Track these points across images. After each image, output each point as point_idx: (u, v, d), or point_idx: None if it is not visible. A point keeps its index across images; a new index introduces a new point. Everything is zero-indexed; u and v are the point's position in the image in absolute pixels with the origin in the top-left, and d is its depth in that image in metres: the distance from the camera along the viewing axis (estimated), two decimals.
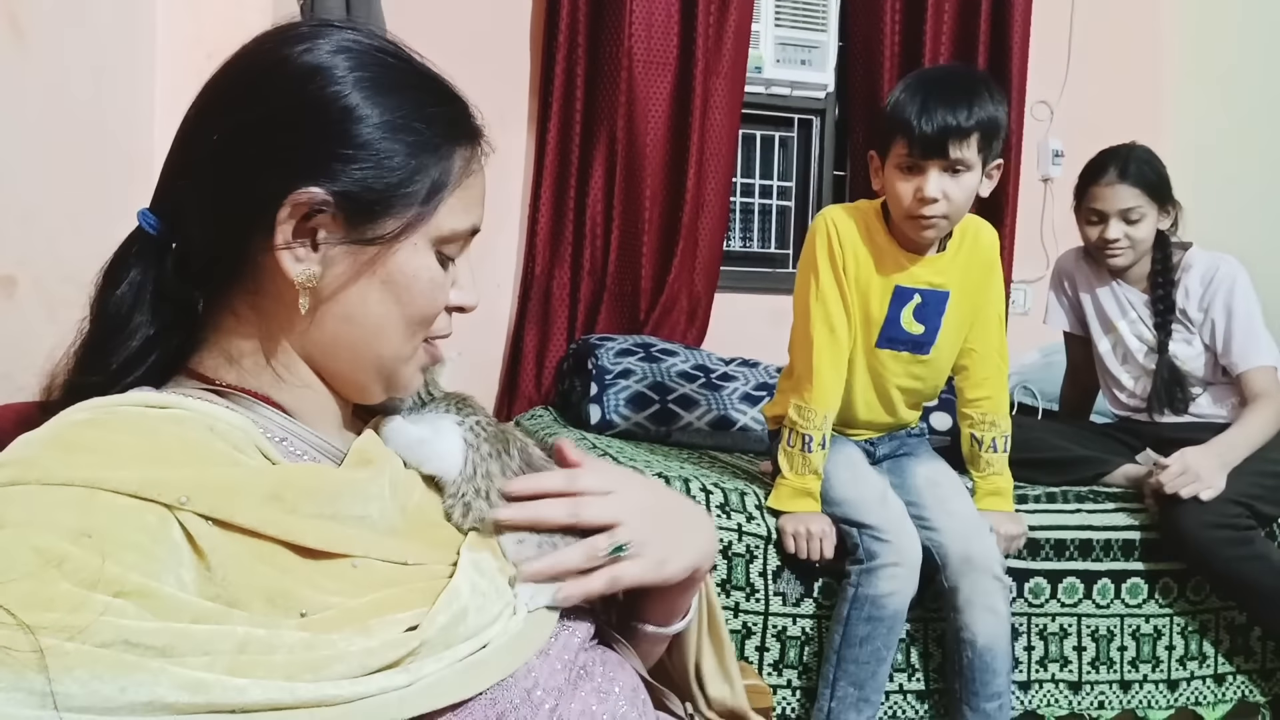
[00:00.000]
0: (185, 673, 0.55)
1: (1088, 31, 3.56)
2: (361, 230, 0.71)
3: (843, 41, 3.40)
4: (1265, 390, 2.15)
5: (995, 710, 1.83)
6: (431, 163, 0.72)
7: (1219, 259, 2.25)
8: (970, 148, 1.74)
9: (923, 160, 1.74)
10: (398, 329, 0.74)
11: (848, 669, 1.80)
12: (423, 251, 0.73)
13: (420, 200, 0.72)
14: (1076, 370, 2.55)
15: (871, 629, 1.79)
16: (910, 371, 1.97)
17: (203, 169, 0.71)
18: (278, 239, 0.69)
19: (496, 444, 0.78)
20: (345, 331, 0.74)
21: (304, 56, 0.70)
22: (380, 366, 0.76)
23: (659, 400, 2.70)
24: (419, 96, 0.73)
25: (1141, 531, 2.11)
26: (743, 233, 3.54)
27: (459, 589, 0.68)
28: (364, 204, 0.70)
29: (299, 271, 0.70)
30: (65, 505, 0.58)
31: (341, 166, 0.69)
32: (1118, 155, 2.24)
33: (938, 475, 1.98)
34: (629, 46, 3.01)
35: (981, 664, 1.82)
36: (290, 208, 0.69)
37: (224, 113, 0.71)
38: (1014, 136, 3.30)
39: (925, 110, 1.72)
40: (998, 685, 1.83)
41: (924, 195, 1.75)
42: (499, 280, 3.09)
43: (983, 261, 1.94)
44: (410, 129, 0.71)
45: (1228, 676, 2.17)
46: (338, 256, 0.71)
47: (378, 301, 0.73)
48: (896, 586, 1.79)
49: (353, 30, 0.74)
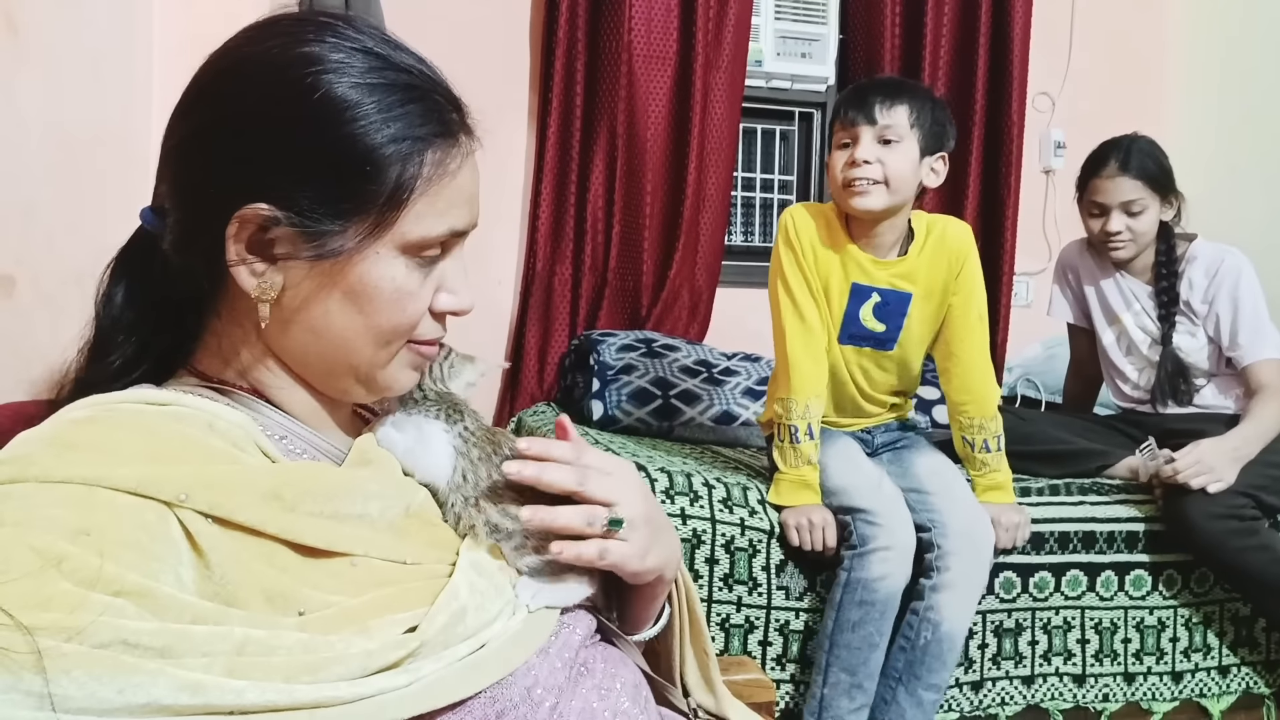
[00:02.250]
0: (183, 674, 0.55)
1: (1089, 22, 3.55)
2: (318, 243, 0.68)
3: (843, 34, 3.39)
4: (1272, 383, 2.14)
5: (930, 702, 1.80)
6: (391, 168, 0.68)
7: (1224, 251, 2.24)
8: (898, 115, 1.83)
9: (853, 128, 1.85)
10: (365, 340, 0.72)
11: (840, 654, 1.79)
12: (386, 261, 0.70)
13: (379, 208, 0.68)
14: (1080, 362, 2.55)
15: (864, 613, 1.78)
16: (879, 364, 1.99)
17: (166, 173, 0.71)
18: (229, 254, 0.68)
19: (486, 447, 0.78)
20: (312, 342, 0.72)
21: (275, 53, 0.68)
22: (355, 373, 0.74)
23: (661, 396, 2.70)
24: (381, 98, 0.68)
25: (1145, 523, 2.10)
26: (744, 227, 3.53)
27: (458, 589, 0.68)
28: (316, 217, 0.67)
29: (253, 286, 0.69)
30: (64, 503, 0.58)
31: (291, 179, 0.67)
32: (1118, 147, 2.24)
33: (940, 466, 1.99)
34: (629, 41, 3.00)
35: (937, 649, 1.80)
36: (237, 224, 0.67)
37: (181, 117, 0.71)
38: (1015, 128, 3.29)
39: (855, 91, 1.90)
40: (942, 678, 1.81)
41: (854, 158, 1.83)
42: (500, 276, 3.08)
43: (951, 259, 1.94)
44: (366, 134, 0.67)
45: (1232, 668, 2.16)
46: (296, 269, 0.69)
47: (340, 313, 0.71)
48: (888, 570, 1.78)
49: (316, 25, 0.70)
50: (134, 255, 0.75)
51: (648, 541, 0.78)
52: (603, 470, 0.77)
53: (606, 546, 0.75)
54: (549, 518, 0.73)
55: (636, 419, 2.66)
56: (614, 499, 0.76)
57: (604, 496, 0.76)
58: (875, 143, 1.84)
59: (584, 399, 2.74)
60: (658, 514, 0.81)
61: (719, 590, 1.88)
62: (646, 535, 0.78)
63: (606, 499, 0.76)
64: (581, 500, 0.75)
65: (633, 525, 0.76)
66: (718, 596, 1.89)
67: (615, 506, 0.76)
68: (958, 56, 3.29)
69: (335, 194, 0.67)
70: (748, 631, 1.91)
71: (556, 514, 0.73)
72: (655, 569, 0.80)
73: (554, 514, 0.73)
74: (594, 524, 0.74)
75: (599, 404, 2.68)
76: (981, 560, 1.84)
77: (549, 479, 0.74)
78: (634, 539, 0.77)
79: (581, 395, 2.77)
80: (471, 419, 0.79)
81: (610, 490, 0.76)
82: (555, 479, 0.74)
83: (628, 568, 0.77)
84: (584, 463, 0.77)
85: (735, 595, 1.89)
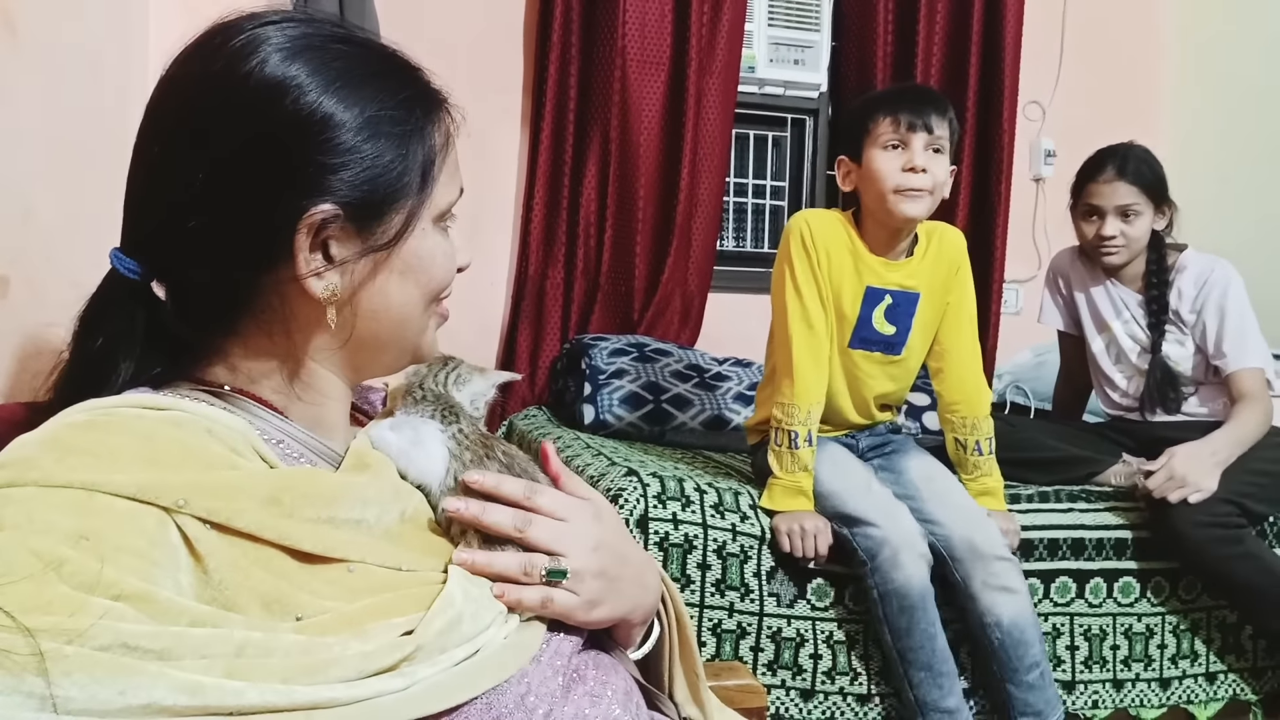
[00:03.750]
0: (183, 676, 0.55)
1: (1080, 32, 3.57)
2: (372, 232, 0.72)
3: (836, 41, 3.41)
4: (1252, 391, 2.16)
5: (1038, 679, 1.83)
6: (417, 147, 0.73)
7: (1213, 261, 2.26)
8: (945, 128, 1.86)
9: (909, 133, 1.84)
10: (418, 308, 0.77)
11: (910, 658, 1.82)
12: (429, 232, 0.75)
13: (417, 188, 0.73)
14: (1070, 370, 2.56)
15: (910, 617, 1.81)
16: (886, 372, 2.00)
17: (191, 210, 0.68)
18: (300, 266, 0.69)
19: (479, 451, 0.77)
20: (371, 328, 0.75)
21: (262, 70, 0.68)
22: (405, 347, 0.79)
23: (653, 400, 2.70)
24: (384, 83, 0.72)
25: (1134, 531, 2.12)
26: (736, 232, 3.54)
27: (453, 595, 0.68)
28: (368, 207, 0.71)
29: (321, 289, 0.70)
30: (63, 508, 0.58)
31: (335, 177, 0.69)
32: (1116, 153, 2.26)
33: (932, 470, 2.01)
34: (623, 45, 3.01)
35: (1011, 640, 1.83)
36: (305, 230, 0.69)
37: (194, 148, 0.68)
38: (1006, 136, 3.32)
39: (904, 94, 1.88)
40: (1034, 655, 1.84)
41: (913, 165, 1.83)
42: (493, 279, 3.08)
43: (949, 263, 1.98)
44: (389, 120, 0.71)
45: (1219, 675, 2.18)
46: (352, 263, 0.71)
47: (398, 291, 0.75)
48: (909, 571, 1.80)
49: (293, 23, 0.71)
50: (114, 303, 0.72)
51: (597, 594, 0.75)
52: (554, 515, 0.75)
53: (550, 595, 0.73)
54: (484, 561, 0.72)
55: (628, 423, 2.66)
56: (559, 548, 0.74)
57: (547, 544, 0.74)
58: (927, 151, 1.85)
59: (575, 403, 2.74)
60: (619, 562, 0.78)
61: (710, 595, 1.89)
62: (597, 588, 0.75)
63: (550, 548, 0.74)
64: (524, 546, 0.73)
65: (578, 577, 0.74)
66: (709, 602, 1.89)
67: (560, 557, 0.74)
68: (949, 64, 3.32)
69: (382, 183, 0.71)
70: (739, 637, 1.91)
71: (493, 559, 0.72)
72: (607, 620, 0.78)
73: (490, 558, 0.72)
74: (530, 573, 0.72)
75: (590, 408, 2.68)
76: (992, 554, 1.85)
77: (489, 520, 0.73)
78: (580, 590, 0.74)
79: (573, 399, 2.77)
80: (467, 422, 0.79)
81: (557, 538, 0.74)
82: (496, 521, 0.73)
83: (573, 618, 0.74)
84: (534, 504, 0.75)
85: (727, 601, 1.90)
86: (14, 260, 1.15)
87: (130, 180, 0.72)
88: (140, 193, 0.72)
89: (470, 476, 0.74)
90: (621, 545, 0.81)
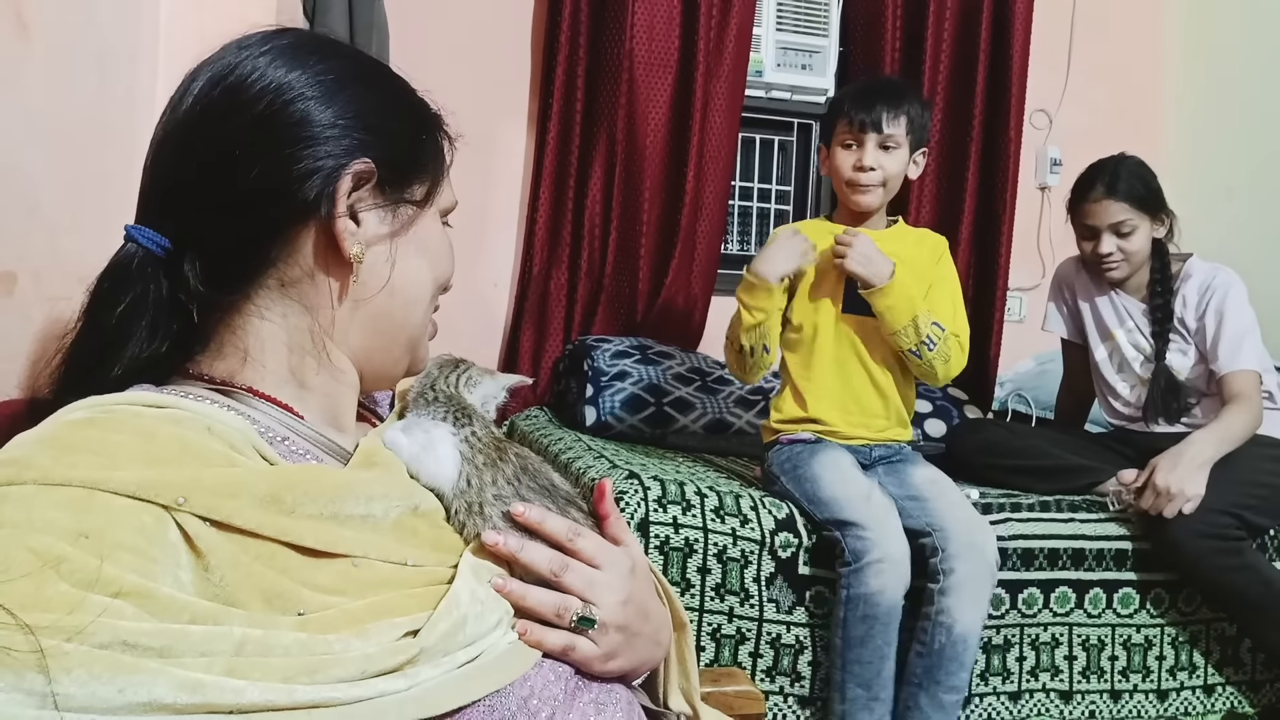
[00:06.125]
0: (183, 673, 0.55)
1: (1087, 41, 3.57)
2: (399, 192, 0.76)
3: (843, 47, 3.40)
4: (1243, 392, 2.16)
5: (952, 704, 1.83)
6: (431, 139, 0.79)
7: (1217, 269, 2.26)
8: (899, 126, 2.03)
9: (860, 133, 2.03)
10: (428, 291, 0.80)
11: (853, 670, 1.81)
12: (437, 220, 0.81)
13: (432, 172, 0.79)
14: (1073, 378, 2.56)
15: (868, 628, 1.80)
16: (882, 337, 2.01)
17: (224, 174, 0.69)
18: (338, 208, 0.72)
19: (491, 454, 0.77)
20: (386, 305, 0.77)
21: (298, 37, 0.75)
22: (410, 339, 0.80)
23: (655, 403, 2.70)
24: (402, 84, 0.79)
25: (1134, 542, 2.12)
26: (741, 236, 3.54)
27: (459, 597, 0.68)
28: (399, 169, 0.76)
29: (351, 243, 0.73)
30: (63, 506, 0.58)
31: (369, 138, 0.73)
32: (1104, 170, 2.25)
33: (936, 476, 2.02)
34: (630, 48, 3.01)
35: (953, 651, 1.82)
36: (350, 177, 0.72)
37: (228, 118, 0.70)
38: (1012, 144, 3.31)
39: (863, 96, 2.05)
40: (961, 679, 1.84)
41: (861, 165, 2.03)
42: (496, 279, 3.08)
43: (930, 249, 2.13)
44: (410, 104, 0.78)
45: (1217, 687, 2.18)
46: (375, 227, 0.75)
47: (415, 267, 0.78)
48: (885, 582, 1.81)
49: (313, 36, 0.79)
50: (133, 273, 0.72)
51: (616, 647, 0.75)
52: (592, 561, 0.75)
53: (573, 643, 0.72)
54: (519, 593, 0.71)
55: (629, 425, 2.66)
56: (591, 597, 0.74)
57: (580, 590, 0.73)
58: (878, 149, 2.03)
59: (577, 404, 2.74)
60: (636, 621, 0.78)
61: (710, 600, 1.89)
62: (616, 641, 0.75)
63: (583, 594, 0.73)
64: (558, 587, 0.73)
65: (603, 629, 0.74)
66: (709, 606, 1.89)
67: (590, 606, 0.73)
68: (957, 72, 3.31)
69: (409, 152, 0.77)
70: (738, 643, 1.91)
71: (528, 592, 0.72)
72: (618, 672, 0.77)
73: (525, 591, 0.72)
74: (562, 616, 0.72)
75: (592, 409, 2.68)
76: (985, 560, 1.87)
77: (526, 558, 0.73)
78: (602, 642, 0.74)
79: (575, 400, 2.77)
80: (480, 424, 0.79)
81: (590, 586, 0.74)
82: (533, 560, 0.73)
83: (590, 668, 0.74)
84: (575, 546, 0.75)
85: (727, 606, 1.90)
86: (20, 255, 1.16)
87: (158, 149, 0.73)
88: (170, 158, 0.73)
89: (516, 509, 0.74)
90: (648, 602, 0.80)
